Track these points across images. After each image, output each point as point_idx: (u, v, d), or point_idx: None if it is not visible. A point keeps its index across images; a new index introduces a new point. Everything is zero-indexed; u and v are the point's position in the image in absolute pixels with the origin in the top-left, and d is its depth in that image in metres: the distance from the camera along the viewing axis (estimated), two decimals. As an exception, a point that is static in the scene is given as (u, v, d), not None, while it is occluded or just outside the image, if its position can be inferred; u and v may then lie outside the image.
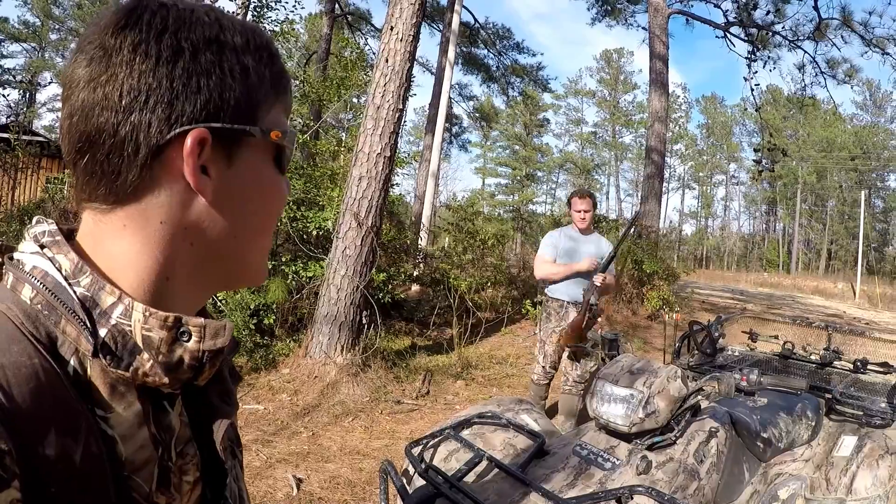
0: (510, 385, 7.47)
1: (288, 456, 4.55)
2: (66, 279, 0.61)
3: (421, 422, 5.75)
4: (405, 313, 10.16)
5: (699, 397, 2.48)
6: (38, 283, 0.60)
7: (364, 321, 6.94)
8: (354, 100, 13.74)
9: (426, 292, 11.51)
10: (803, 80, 18.59)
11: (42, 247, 0.64)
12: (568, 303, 5.37)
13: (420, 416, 5.92)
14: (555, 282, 5.50)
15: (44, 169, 16.09)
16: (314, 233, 8.15)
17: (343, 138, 11.74)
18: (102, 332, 0.60)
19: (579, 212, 5.48)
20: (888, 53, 17.21)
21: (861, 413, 3.06)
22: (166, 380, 0.64)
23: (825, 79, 18.48)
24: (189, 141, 0.61)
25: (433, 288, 11.18)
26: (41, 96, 52.05)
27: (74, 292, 0.61)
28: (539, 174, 68.14)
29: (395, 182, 10.37)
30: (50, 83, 49.46)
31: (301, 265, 7.95)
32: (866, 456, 2.67)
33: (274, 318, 7.49)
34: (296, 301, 7.90)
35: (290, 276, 7.83)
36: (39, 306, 0.60)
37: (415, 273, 11.30)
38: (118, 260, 0.64)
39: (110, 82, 0.60)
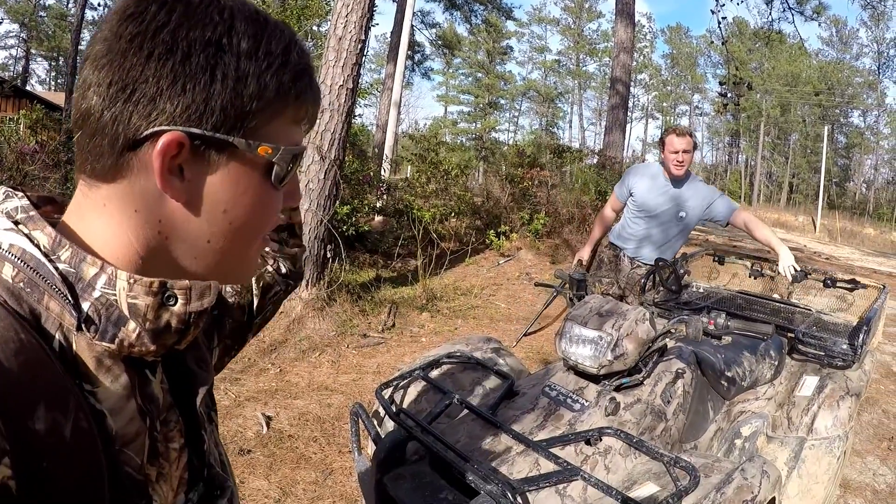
0: (475, 317, 7.53)
1: (256, 394, 4.56)
2: (45, 255, 0.61)
3: (387, 355, 5.80)
4: (369, 245, 10.12)
5: (666, 339, 2.51)
6: (18, 261, 0.60)
7: (329, 255, 6.91)
8: (315, 28, 13.36)
9: (390, 223, 11.47)
10: (770, 14, 18.48)
11: (16, 223, 0.63)
12: (626, 255, 4.61)
13: (386, 350, 5.96)
14: (625, 228, 4.62)
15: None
16: (276, 166, 8.00)
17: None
18: (86, 305, 0.61)
19: (676, 153, 4.22)
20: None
21: (823, 354, 3.14)
22: (153, 347, 0.64)
23: (793, 14, 18.40)
24: (161, 142, 0.61)
25: (397, 219, 11.13)
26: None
27: (56, 267, 0.61)
28: (502, 102, 67.52)
29: (357, 113, 10.21)
30: (1, 21, 47.15)
31: (264, 199, 7.83)
32: (827, 396, 2.76)
33: (237, 253, 7.39)
34: (259, 235, 7.80)
35: (253, 211, 7.70)
36: (21, 284, 0.59)
37: (378, 204, 11.22)
38: (97, 236, 0.65)
39: (105, 68, 0.61)
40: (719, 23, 15.57)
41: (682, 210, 4.37)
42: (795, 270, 3.71)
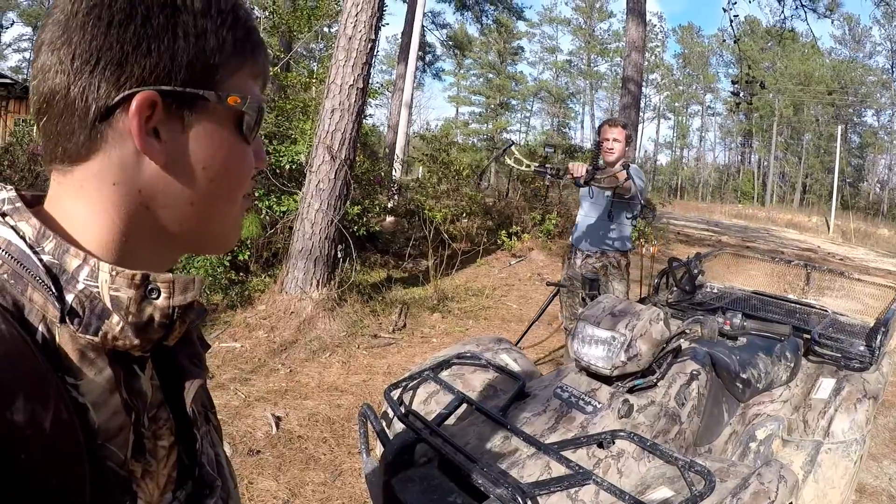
0: (486, 317, 7.51)
1: (266, 394, 4.54)
2: (30, 247, 0.61)
3: (398, 356, 5.77)
4: (380, 245, 10.11)
5: (681, 340, 2.47)
6: (3, 252, 0.60)
7: (339, 255, 6.89)
8: (326, 29, 13.37)
9: (401, 223, 11.46)
10: (783, 12, 18.31)
11: (3, 215, 0.63)
12: (577, 249, 4.76)
13: (397, 351, 5.93)
14: (577, 225, 4.82)
15: (11, 112, 15.63)
16: (287, 167, 8.00)
17: (315, 69, 11.46)
18: (69, 297, 0.60)
19: (607, 140, 4.55)
20: (870, -12, 16.97)
21: (840, 355, 3.08)
22: (137, 341, 0.63)
23: (805, 12, 18.21)
24: (135, 102, 0.61)
25: (408, 219, 11.12)
26: (6, 37, 51.20)
27: (40, 259, 0.61)
28: (513, 102, 67.51)
29: (368, 113, 10.20)
30: (13, 24, 48.02)
31: (274, 200, 7.83)
32: (844, 399, 2.71)
33: (248, 253, 7.41)
34: (270, 236, 7.81)
35: (263, 211, 7.71)
36: (6, 276, 0.59)
37: (389, 205, 11.20)
38: (78, 221, 0.65)
39: (65, 46, 0.61)
40: (731, 21, 15.46)
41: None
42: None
